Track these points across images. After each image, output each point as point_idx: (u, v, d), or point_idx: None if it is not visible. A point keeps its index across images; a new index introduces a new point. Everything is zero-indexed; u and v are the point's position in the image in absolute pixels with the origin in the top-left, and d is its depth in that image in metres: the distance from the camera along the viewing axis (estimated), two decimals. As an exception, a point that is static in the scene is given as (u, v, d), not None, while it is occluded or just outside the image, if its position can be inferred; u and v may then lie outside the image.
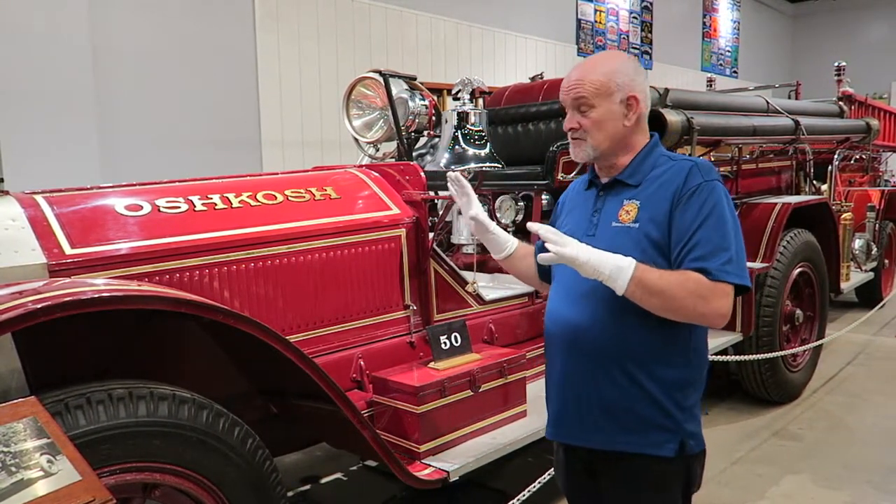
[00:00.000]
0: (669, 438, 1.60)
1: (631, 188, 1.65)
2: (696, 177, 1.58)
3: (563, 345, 1.67)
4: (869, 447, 3.56)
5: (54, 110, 4.58)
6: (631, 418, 1.60)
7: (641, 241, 1.57)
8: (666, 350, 1.60)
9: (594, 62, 1.69)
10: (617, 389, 1.60)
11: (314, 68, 6.35)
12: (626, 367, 1.59)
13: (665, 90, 3.45)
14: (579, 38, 10.05)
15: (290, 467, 3.38)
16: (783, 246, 4.01)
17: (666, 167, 1.65)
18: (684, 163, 1.64)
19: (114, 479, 1.54)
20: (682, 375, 1.63)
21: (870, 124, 5.69)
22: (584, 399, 1.64)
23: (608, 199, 1.69)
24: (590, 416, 1.64)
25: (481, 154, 3.57)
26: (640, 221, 1.59)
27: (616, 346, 1.59)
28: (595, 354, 1.61)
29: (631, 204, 1.62)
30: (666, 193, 1.59)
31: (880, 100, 9.63)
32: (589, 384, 1.63)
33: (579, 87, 1.64)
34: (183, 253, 2.12)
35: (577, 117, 1.66)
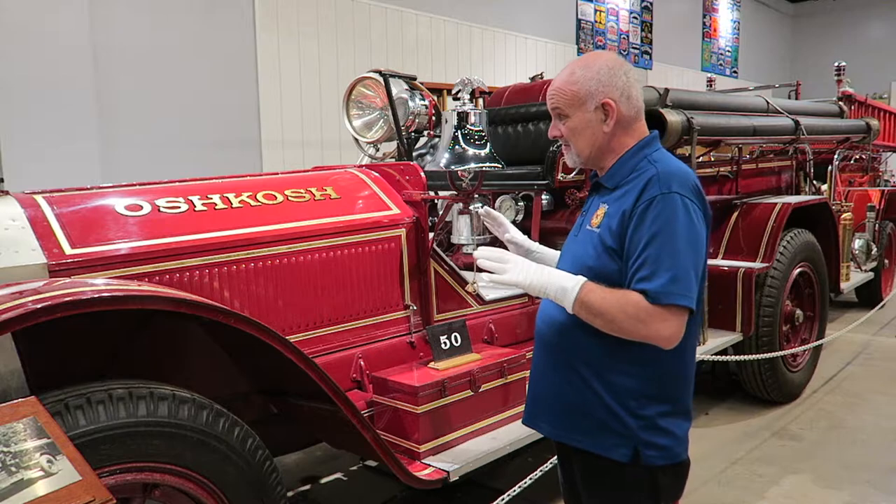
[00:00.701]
0: (621, 443, 1.58)
1: (608, 191, 1.66)
2: (652, 188, 1.52)
3: (537, 340, 1.75)
4: (869, 447, 3.56)
5: (54, 111, 4.58)
6: (585, 418, 1.62)
7: (598, 247, 1.59)
8: (615, 358, 1.58)
9: (571, 69, 1.67)
10: (572, 389, 1.64)
11: (314, 68, 6.35)
12: (579, 369, 1.62)
13: (665, 90, 3.45)
14: (579, 38, 10.05)
15: (290, 467, 3.38)
16: (783, 246, 4.01)
17: (640, 172, 1.60)
18: (652, 170, 1.57)
19: (114, 479, 1.54)
20: (636, 385, 1.58)
21: (870, 124, 5.69)
22: (550, 394, 1.70)
23: (593, 200, 1.72)
24: (552, 412, 1.70)
25: (481, 154, 3.57)
26: (602, 227, 1.60)
27: (572, 348, 1.63)
28: (557, 353, 1.67)
29: (602, 208, 1.63)
30: (626, 199, 1.57)
31: (880, 100, 9.63)
32: (552, 380, 1.69)
33: (554, 97, 1.67)
34: (183, 253, 2.12)
35: (559, 125, 1.68)
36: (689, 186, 1.56)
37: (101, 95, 4.89)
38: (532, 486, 2.48)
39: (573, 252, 1.70)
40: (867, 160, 6.52)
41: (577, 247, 1.67)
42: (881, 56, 14.73)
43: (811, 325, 4.43)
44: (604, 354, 1.58)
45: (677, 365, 1.62)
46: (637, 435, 1.57)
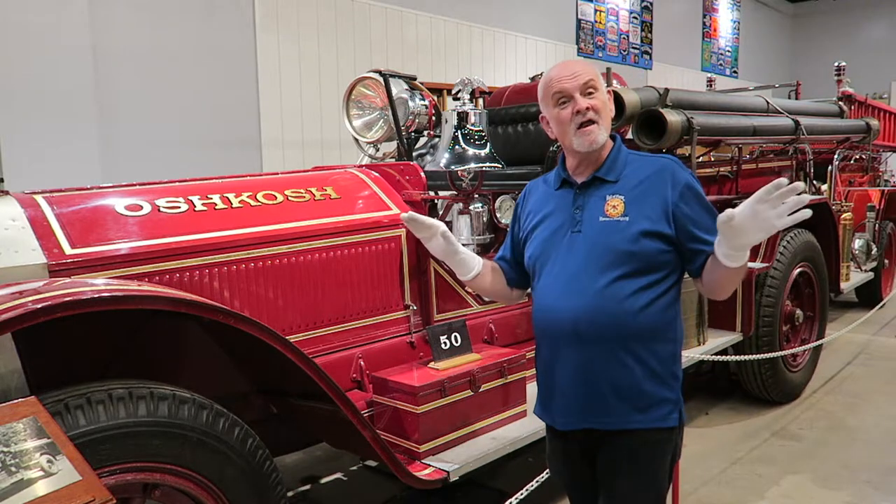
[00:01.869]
0: (672, 409, 1.71)
1: (610, 184, 1.73)
2: (682, 173, 1.72)
3: (565, 337, 1.71)
4: (869, 447, 3.56)
5: (54, 110, 4.58)
6: (641, 396, 1.68)
7: (633, 235, 1.66)
8: (663, 328, 1.71)
9: (576, 61, 1.80)
10: (625, 371, 1.68)
11: (314, 68, 6.35)
12: (632, 348, 1.67)
13: (665, 90, 3.44)
14: (579, 38, 10.05)
15: (290, 467, 3.38)
16: (783, 246, 4.01)
17: (638, 165, 1.75)
18: (662, 160, 1.76)
19: (114, 479, 1.54)
20: (675, 348, 1.75)
21: (870, 124, 5.69)
22: (592, 385, 1.69)
23: (588, 195, 1.74)
24: (600, 402, 1.69)
25: (481, 154, 3.57)
26: (631, 216, 1.67)
27: (621, 331, 1.66)
28: (602, 341, 1.67)
29: (615, 199, 1.70)
30: (655, 190, 1.69)
31: (880, 100, 9.63)
32: (597, 370, 1.68)
33: (584, 74, 1.70)
34: (183, 253, 2.12)
35: (587, 101, 1.69)
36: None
37: (101, 95, 4.89)
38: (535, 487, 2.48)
39: (591, 243, 1.69)
40: (867, 160, 6.52)
41: (597, 237, 1.69)
42: (881, 56, 14.73)
43: (811, 325, 4.43)
44: (652, 330, 1.68)
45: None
46: (679, 396, 1.74)
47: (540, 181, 1.95)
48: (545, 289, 1.77)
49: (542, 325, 1.79)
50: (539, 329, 1.82)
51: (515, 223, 1.96)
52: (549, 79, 1.74)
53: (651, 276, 1.68)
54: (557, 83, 1.71)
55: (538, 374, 1.86)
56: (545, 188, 1.89)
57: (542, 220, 1.82)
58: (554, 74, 1.74)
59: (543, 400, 1.84)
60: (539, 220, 1.83)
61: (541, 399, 1.86)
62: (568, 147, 1.76)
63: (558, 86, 1.71)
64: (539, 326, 1.81)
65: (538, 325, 1.82)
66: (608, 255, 1.67)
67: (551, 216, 1.80)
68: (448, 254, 1.92)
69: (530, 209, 1.90)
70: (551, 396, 1.79)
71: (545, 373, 1.81)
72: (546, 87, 1.74)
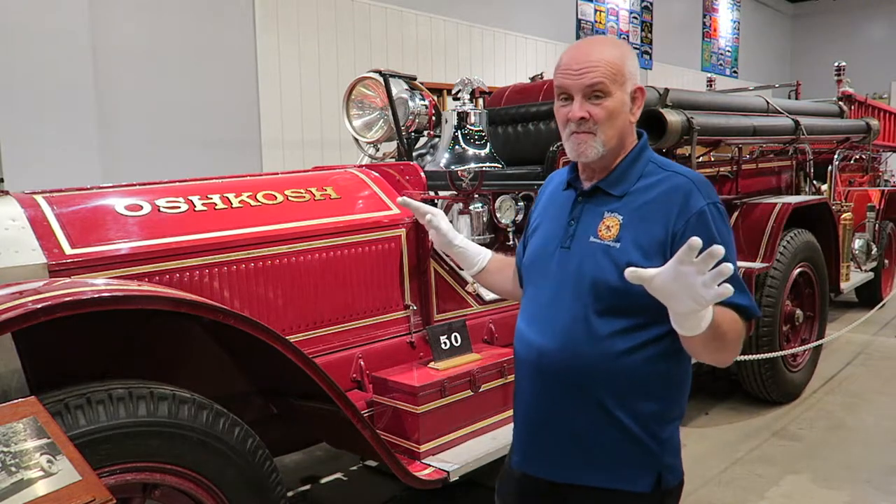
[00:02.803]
0: (644, 473, 1.45)
1: (613, 199, 1.46)
2: (698, 199, 1.39)
3: (529, 368, 1.50)
4: (869, 447, 3.56)
5: (54, 110, 4.58)
6: (602, 453, 1.45)
7: (621, 266, 1.33)
8: (642, 383, 1.43)
9: (601, 42, 1.47)
10: (590, 422, 1.44)
11: (314, 68, 6.35)
12: (603, 400, 1.42)
13: (665, 90, 3.45)
14: (579, 38, 10.04)
15: (290, 467, 3.38)
16: (783, 246, 4.00)
17: (655, 179, 1.46)
18: (680, 178, 1.44)
19: (114, 479, 1.54)
20: (662, 408, 1.46)
21: (870, 124, 5.69)
22: (551, 428, 1.48)
23: (587, 207, 1.50)
24: (556, 448, 1.48)
25: (481, 154, 3.57)
26: (623, 241, 1.40)
27: (594, 376, 1.42)
28: (565, 383, 1.44)
29: (612, 218, 1.44)
30: (658, 215, 1.40)
31: (880, 100, 9.63)
32: (558, 413, 1.46)
33: (595, 71, 1.40)
34: (183, 253, 2.12)
35: (588, 106, 1.41)
36: (716, 194, 1.47)
37: (101, 95, 4.89)
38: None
39: (576, 265, 1.45)
40: (867, 160, 6.52)
41: (579, 261, 1.44)
42: (881, 56, 14.73)
43: (811, 325, 4.43)
44: (631, 381, 1.42)
45: (689, 378, 1.54)
46: (660, 460, 1.46)
47: (557, 174, 1.70)
48: (525, 310, 1.57)
49: (515, 350, 1.58)
50: (515, 353, 1.60)
51: (533, 214, 1.72)
52: (558, 65, 1.47)
53: (639, 317, 1.40)
54: (560, 75, 1.45)
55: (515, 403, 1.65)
56: (557, 185, 1.64)
57: (542, 223, 1.61)
58: (563, 60, 1.46)
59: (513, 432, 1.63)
60: (540, 222, 1.62)
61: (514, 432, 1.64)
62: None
63: (560, 79, 1.45)
64: (514, 350, 1.60)
65: (514, 349, 1.60)
66: (587, 284, 1.42)
67: (550, 222, 1.58)
68: (444, 244, 1.79)
69: (540, 206, 1.67)
70: (516, 430, 1.58)
71: (514, 404, 1.61)
72: (555, 73, 1.49)
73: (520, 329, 1.57)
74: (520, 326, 1.57)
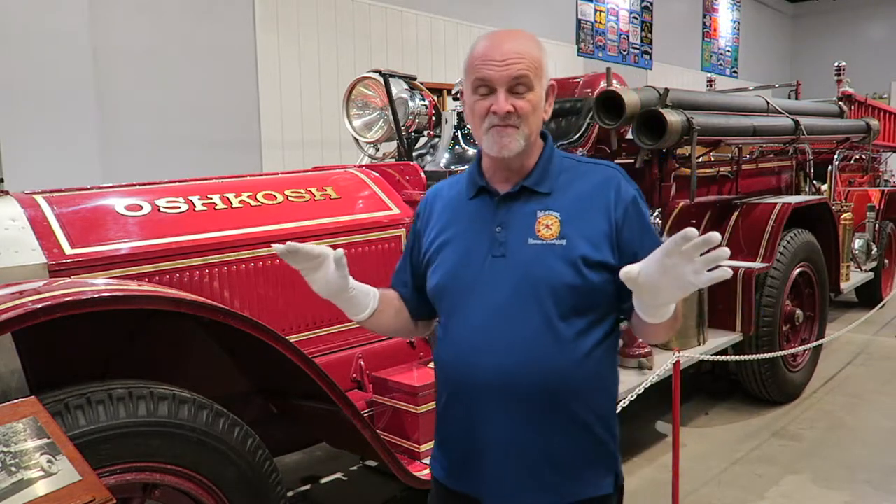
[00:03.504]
0: (608, 474, 1.42)
1: (541, 196, 1.38)
2: (628, 187, 1.40)
3: (488, 395, 1.35)
4: (869, 447, 3.56)
5: (54, 110, 4.58)
6: (576, 464, 1.38)
7: (575, 262, 1.32)
8: (606, 378, 1.43)
9: (519, 35, 1.38)
10: (564, 437, 1.36)
11: (314, 68, 6.35)
12: (576, 408, 1.36)
13: (665, 90, 3.44)
14: (579, 38, 10.05)
15: (290, 467, 3.38)
16: (783, 246, 4.00)
17: (577, 172, 1.42)
18: (606, 169, 1.43)
19: (114, 479, 1.54)
20: (613, 401, 1.46)
21: (870, 124, 5.68)
22: (524, 457, 1.36)
23: (513, 210, 1.39)
24: (534, 477, 1.36)
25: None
26: (569, 238, 1.33)
27: (561, 387, 1.34)
28: (537, 402, 1.34)
29: (549, 216, 1.36)
30: (596, 206, 1.37)
31: (880, 100, 9.63)
32: (532, 438, 1.35)
33: (520, 63, 1.32)
34: (183, 253, 2.12)
35: (512, 99, 1.33)
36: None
37: (101, 95, 4.89)
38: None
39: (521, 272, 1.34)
40: (867, 160, 6.52)
41: (529, 265, 1.34)
42: (881, 56, 14.73)
43: (811, 325, 4.43)
44: (595, 380, 1.39)
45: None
46: (616, 457, 1.45)
47: (445, 186, 1.54)
48: (459, 332, 1.39)
49: (455, 377, 1.40)
50: (451, 381, 1.42)
51: (415, 240, 1.55)
52: (474, 55, 1.35)
53: (593, 314, 1.36)
54: (481, 66, 1.33)
55: (444, 430, 1.47)
56: (454, 196, 1.49)
57: (451, 238, 1.43)
58: (480, 51, 1.35)
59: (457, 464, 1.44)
60: (447, 238, 1.44)
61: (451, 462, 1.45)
62: (478, 143, 1.41)
63: (482, 70, 1.33)
64: (450, 378, 1.42)
65: (448, 377, 1.43)
66: (543, 289, 1.32)
67: (464, 234, 1.42)
68: (338, 291, 1.41)
69: (435, 222, 1.49)
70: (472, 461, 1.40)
71: (461, 437, 1.41)
72: (468, 65, 1.36)
73: (463, 355, 1.38)
74: (461, 352, 1.38)
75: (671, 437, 2.89)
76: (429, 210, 1.53)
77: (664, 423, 3.86)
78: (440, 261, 1.44)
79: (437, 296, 1.45)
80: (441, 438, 1.49)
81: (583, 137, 3.37)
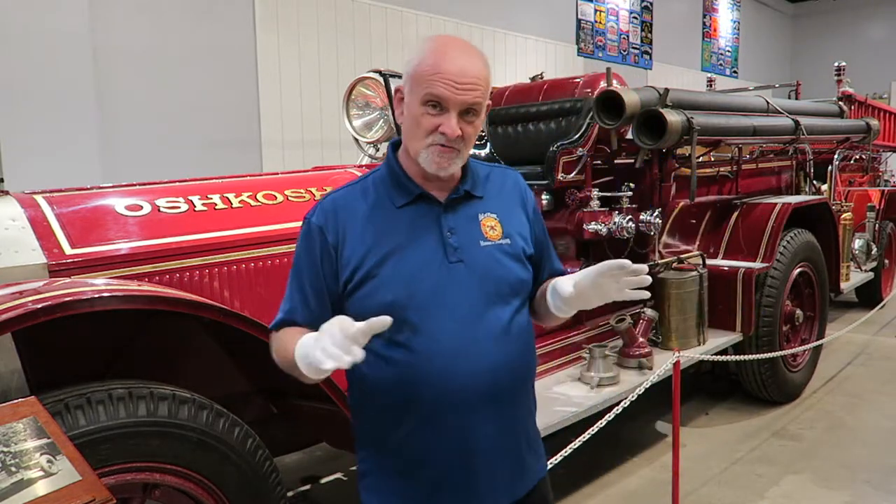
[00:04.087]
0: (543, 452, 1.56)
1: (477, 200, 1.43)
2: (527, 187, 1.55)
3: (479, 400, 1.34)
4: (869, 447, 3.56)
5: (54, 110, 4.58)
6: (538, 441, 1.53)
7: (521, 258, 1.43)
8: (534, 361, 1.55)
9: (474, 54, 1.37)
10: (530, 417, 1.51)
11: (314, 68, 6.35)
12: (531, 392, 1.50)
13: (665, 90, 3.44)
14: (579, 38, 10.05)
15: (290, 467, 3.38)
16: (783, 246, 4.01)
17: (490, 174, 1.49)
18: (509, 171, 1.56)
19: (114, 479, 1.54)
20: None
21: (870, 124, 5.68)
22: (512, 449, 1.43)
23: (458, 214, 1.39)
24: (519, 464, 1.45)
25: (481, 154, 3.56)
26: (511, 237, 1.42)
27: (529, 373, 1.49)
28: (518, 392, 1.44)
29: (490, 218, 1.41)
30: (514, 205, 1.48)
31: (880, 100, 9.63)
32: (517, 428, 1.44)
33: (477, 90, 1.33)
34: (183, 253, 2.12)
35: (461, 124, 1.32)
36: None
37: (101, 95, 4.89)
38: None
39: (480, 274, 1.36)
40: (867, 160, 6.52)
41: (487, 266, 1.37)
42: (881, 56, 14.73)
43: (811, 325, 4.43)
44: (532, 365, 1.52)
45: None
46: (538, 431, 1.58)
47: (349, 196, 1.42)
48: (431, 345, 1.32)
49: (432, 392, 1.33)
50: (426, 399, 1.33)
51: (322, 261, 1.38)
52: (426, 66, 1.31)
53: (522, 296, 1.45)
54: (438, 83, 1.30)
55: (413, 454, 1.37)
56: (372, 205, 1.40)
57: (392, 251, 1.35)
58: (433, 63, 1.31)
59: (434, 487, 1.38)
60: (387, 251, 1.35)
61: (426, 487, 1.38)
62: (412, 153, 1.37)
63: (438, 88, 1.30)
64: (425, 395, 1.33)
65: (421, 394, 1.33)
66: (502, 287, 1.38)
67: (406, 245, 1.35)
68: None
69: (358, 236, 1.36)
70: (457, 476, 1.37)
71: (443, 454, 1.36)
72: (418, 73, 1.32)
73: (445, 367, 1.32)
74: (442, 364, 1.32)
75: (671, 437, 2.89)
76: (337, 223, 1.38)
77: (664, 423, 3.86)
78: (384, 276, 1.33)
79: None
80: (403, 468, 1.39)
81: (583, 137, 3.37)
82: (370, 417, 1.42)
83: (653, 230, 3.49)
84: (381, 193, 1.41)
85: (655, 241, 3.67)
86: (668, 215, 3.84)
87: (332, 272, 1.38)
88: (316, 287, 1.39)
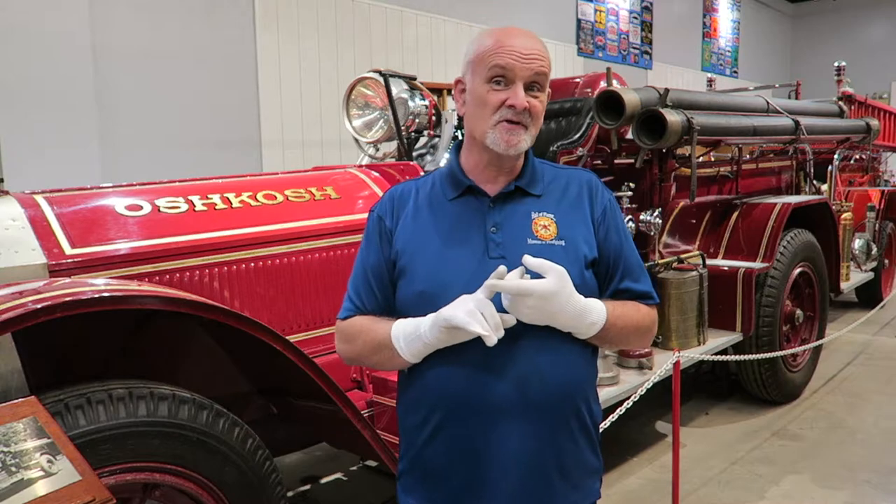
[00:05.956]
0: (598, 480, 1.42)
1: (533, 198, 1.37)
2: (604, 192, 1.43)
3: (504, 408, 1.28)
4: (869, 447, 3.56)
5: (54, 110, 4.58)
6: (579, 470, 1.37)
7: (577, 262, 1.32)
8: (595, 381, 1.43)
9: (533, 35, 1.34)
10: (571, 442, 1.34)
11: (314, 68, 6.35)
12: (579, 411, 1.35)
13: (665, 90, 3.44)
14: (579, 38, 10.05)
15: (290, 467, 3.38)
16: (783, 246, 4.01)
17: (556, 176, 1.43)
18: (582, 174, 1.45)
19: (114, 479, 1.54)
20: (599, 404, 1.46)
21: (870, 124, 5.68)
22: (537, 467, 1.31)
23: (508, 210, 1.35)
24: (545, 487, 1.32)
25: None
26: (567, 239, 1.33)
27: (573, 390, 1.33)
28: (552, 408, 1.30)
29: (545, 217, 1.34)
30: (579, 210, 1.38)
31: (880, 100, 9.63)
32: (544, 447, 1.31)
33: (543, 60, 1.30)
34: (183, 253, 2.12)
35: (528, 97, 1.29)
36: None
37: (101, 95, 4.89)
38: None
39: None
40: (867, 160, 6.52)
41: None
42: (881, 56, 14.74)
43: (811, 325, 4.43)
44: (593, 379, 1.41)
45: None
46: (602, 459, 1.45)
47: (413, 186, 1.45)
48: (461, 344, 1.26)
49: (458, 395, 1.29)
50: (449, 400, 1.30)
51: (382, 245, 1.41)
52: (495, 44, 1.29)
53: None
54: (503, 54, 1.28)
55: (436, 459, 1.34)
56: (427, 197, 1.41)
57: (432, 242, 1.34)
58: (503, 40, 1.29)
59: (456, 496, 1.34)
60: (427, 242, 1.34)
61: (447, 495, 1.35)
62: (477, 137, 1.34)
63: (504, 58, 1.27)
64: (450, 397, 1.30)
65: (446, 396, 1.30)
66: None
67: (449, 236, 1.34)
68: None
69: (408, 225, 1.39)
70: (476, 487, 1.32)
71: (464, 463, 1.31)
72: (480, 54, 1.30)
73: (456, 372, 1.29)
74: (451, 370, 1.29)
75: (671, 437, 2.89)
76: (394, 210, 1.42)
77: (664, 423, 3.86)
78: (416, 267, 1.33)
79: (419, 304, 1.29)
80: (428, 471, 1.36)
81: (583, 137, 3.37)
82: (402, 416, 1.43)
83: (653, 230, 3.49)
84: (437, 188, 1.42)
85: (655, 241, 3.67)
86: (668, 215, 3.84)
87: (387, 255, 1.40)
88: (379, 275, 1.41)
